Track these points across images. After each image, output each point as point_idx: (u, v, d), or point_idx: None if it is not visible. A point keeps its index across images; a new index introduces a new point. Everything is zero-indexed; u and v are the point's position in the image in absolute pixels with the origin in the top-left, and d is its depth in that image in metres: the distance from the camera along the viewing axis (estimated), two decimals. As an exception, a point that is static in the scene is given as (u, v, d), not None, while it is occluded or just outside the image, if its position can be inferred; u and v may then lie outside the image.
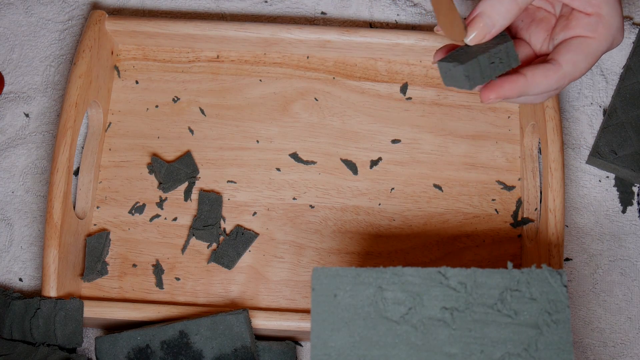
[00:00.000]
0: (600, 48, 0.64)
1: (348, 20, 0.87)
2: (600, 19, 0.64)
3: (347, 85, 0.82)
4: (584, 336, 0.75)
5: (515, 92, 0.64)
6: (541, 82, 0.64)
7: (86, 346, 0.75)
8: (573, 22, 0.65)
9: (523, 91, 0.64)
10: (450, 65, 0.62)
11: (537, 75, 0.63)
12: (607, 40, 0.64)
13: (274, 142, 0.81)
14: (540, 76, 0.64)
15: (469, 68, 0.61)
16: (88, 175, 0.78)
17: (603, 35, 0.64)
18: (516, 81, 0.63)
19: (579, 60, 0.64)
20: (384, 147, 0.80)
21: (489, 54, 0.62)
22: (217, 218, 0.77)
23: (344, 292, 0.57)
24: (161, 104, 0.82)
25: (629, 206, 0.79)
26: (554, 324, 0.56)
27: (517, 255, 0.76)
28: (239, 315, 0.68)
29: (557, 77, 0.64)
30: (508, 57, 0.63)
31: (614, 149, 0.78)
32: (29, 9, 0.87)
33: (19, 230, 0.79)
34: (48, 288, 0.70)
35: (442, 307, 0.57)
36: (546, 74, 0.64)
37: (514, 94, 0.64)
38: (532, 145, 0.78)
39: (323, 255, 0.77)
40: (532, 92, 0.64)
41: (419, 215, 0.78)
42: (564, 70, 0.64)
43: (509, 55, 0.63)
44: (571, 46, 0.64)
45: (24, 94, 0.84)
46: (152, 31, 0.81)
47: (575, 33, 0.64)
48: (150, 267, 0.77)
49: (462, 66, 0.61)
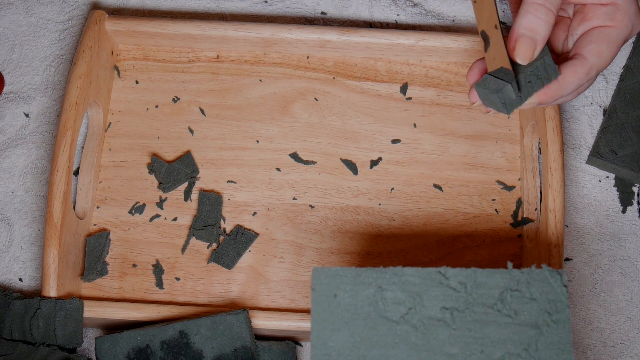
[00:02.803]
0: (621, 35, 0.64)
1: (348, 20, 0.87)
2: (617, 7, 0.64)
3: (347, 85, 0.82)
4: (584, 336, 0.75)
5: (551, 96, 0.64)
6: (572, 80, 0.64)
7: (86, 346, 0.75)
8: (590, 14, 0.65)
9: (558, 94, 0.64)
10: (486, 92, 0.62)
11: (567, 74, 0.64)
12: (627, 26, 0.64)
13: (274, 142, 0.81)
14: (570, 74, 0.64)
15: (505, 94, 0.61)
16: (88, 175, 0.78)
17: (622, 22, 0.64)
18: (549, 87, 0.63)
19: (603, 49, 0.64)
20: (384, 147, 0.80)
21: (525, 74, 0.62)
22: (217, 218, 0.77)
23: (344, 292, 0.57)
24: (161, 104, 0.82)
25: (629, 206, 0.79)
26: (554, 324, 0.56)
27: (517, 255, 0.76)
28: (239, 315, 0.68)
29: (585, 70, 0.64)
30: (546, 70, 0.62)
31: (614, 149, 0.78)
32: (29, 9, 0.87)
33: (19, 230, 0.79)
34: (48, 288, 0.70)
35: (442, 307, 0.57)
36: (574, 70, 0.64)
37: (549, 98, 0.64)
38: (532, 145, 0.78)
39: (323, 255, 0.77)
40: (567, 92, 0.64)
41: (419, 215, 0.78)
42: (590, 63, 0.64)
43: (547, 68, 0.62)
44: (592, 37, 0.64)
45: (24, 94, 0.84)
46: (152, 31, 0.81)
47: (593, 24, 0.65)
48: (150, 267, 0.77)
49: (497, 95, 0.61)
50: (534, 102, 0.63)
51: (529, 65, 0.62)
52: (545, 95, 0.63)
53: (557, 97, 0.64)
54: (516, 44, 0.62)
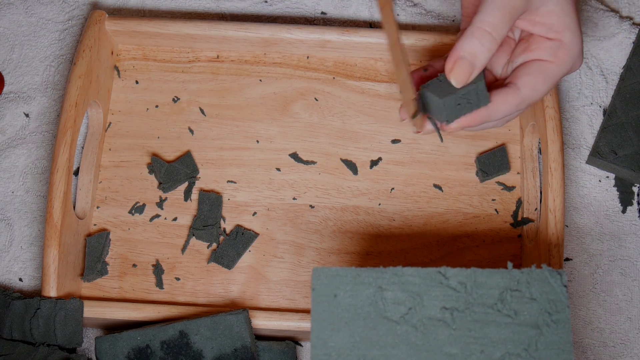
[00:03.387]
0: (559, 72, 0.64)
1: (348, 20, 0.87)
2: (561, 44, 0.64)
3: (347, 85, 0.82)
4: (584, 336, 0.75)
5: (477, 121, 0.64)
6: (502, 108, 0.64)
7: (86, 346, 0.75)
8: (533, 46, 0.65)
9: (485, 119, 0.64)
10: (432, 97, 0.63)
11: (498, 101, 0.64)
12: (567, 64, 0.64)
13: (274, 142, 0.81)
14: (501, 102, 0.64)
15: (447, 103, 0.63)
16: (88, 175, 0.78)
17: (563, 59, 0.64)
18: (478, 112, 0.64)
19: (538, 83, 0.64)
20: (384, 147, 0.80)
21: (456, 96, 0.63)
22: (217, 218, 0.77)
23: (344, 292, 0.57)
24: (161, 104, 0.82)
25: (629, 206, 0.79)
26: (554, 324, 0.56)
27: (517, 255, 0.76)
28: (239, 315, 0.68)
29: (517, 101, 0.64)
30: (478, 96, 0.63)
31: (614, 149, 0.78)
32: (29, 9, 0.87)
33: (19, 230, 0.79)
34: (48, 288, 0.70)
35: (442, 307, 0.57)
36: (506, 98, 0.64)
37: (476, 122, 0.64)
38: (532, 145, 0.78)
39: (323, 255, 0.77)
40: (494, 118, 0.65)
41: (419, 215, 0.78)
42: (522, 94, 0.64)
43: (478, 95, 0.63)
44: (530, 69, 0.64)
45: (24, 94, 0.84)
46: (152, 31, 0.81)
47: (535, 56, 0.65)
48: (150, 267, 0.77)
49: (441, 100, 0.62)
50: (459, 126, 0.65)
51: (461, 88, 0.63)
52: (473, 119, 0.64)
53: (484, 120, 0.64)
54: (454, 65, 0.63)
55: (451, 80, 0.63)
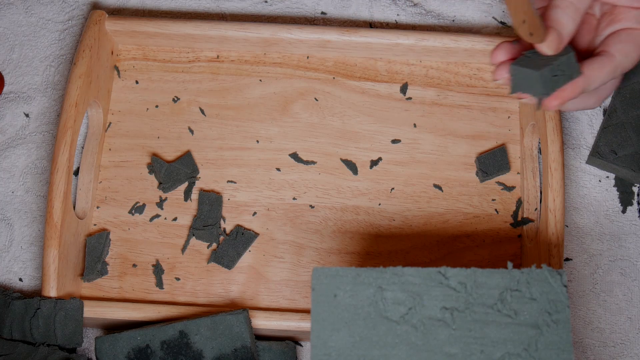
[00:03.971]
0: None
1: (348, 20, 0.87)
2: None
3: (347, 85, 0.82)
4: (584, 336, 0.75)
5: (577, 92, 0.64)
6: (599, 74, 0.65)
7: (86, 346, 0.75)
8: (620, 16, 0.66)
9: (584, 88, 0.64)
10: (527, 71, 0.63)
11: (594, 69, 0.64)
12: None
13: (274, 142, 0.81)
14: (597, 69, 0.65)
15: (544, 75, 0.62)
16: (88, 175, 0.78)
17: None
18: (576, 81, 0.64)
19: (630, 50, 0.65)
20: (384, 147, 0.80)
21: (552, 67, 0.62)
22: (217, 218, 0.77)
23: (344, 292, 0.57)
24: (161, 104, 0.82)
25: (629, 206, 0.79)
26: (554, 324, 0.56)
27: (517, 255, 0.76)
28: (239, 315, 0.68)
29: (612, 66, 0.65)
30: (570, 68, 0.63)
31: (614, 149, 0.78)
32: (29, 9, 0.87)
33: (19, 230, 0.79)
34: (48, 288, 0.70)
35: (442, 307, 0.57)
36: (602, 65, 0.65)
37: (576, 93, 0.64)
38: (532, 145, 0.78)
39: (323, 255, 0.77)
40: (591, 87, 0.65)
41: (419, 215, 0.78)
42: (616, 60, 0.65)
43: (570, 66, 0.63)
44: (620, 37, 0.65)
45: (24, 94, 0.84)
46: (152, 31, 0.81)
47: (622, 26, 0.66)
48: (150, 267, 0.77)
49: (538, 72, 0.62)
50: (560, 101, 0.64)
51: (555, 59, 0.62)
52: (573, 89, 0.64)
53: (583, 90, 0.64)
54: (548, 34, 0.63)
55: (543, 49, 0.63)
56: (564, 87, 0.63)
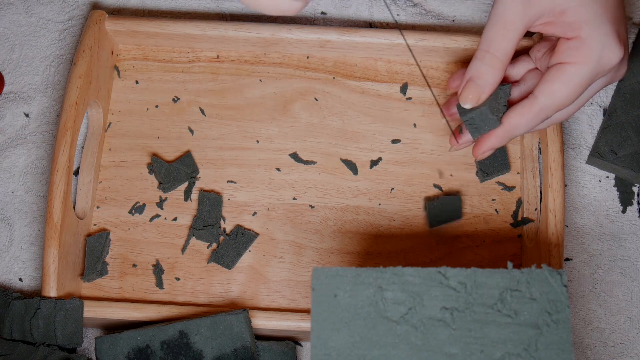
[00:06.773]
0: (581, 72, 0.61)
1: (348, 20, 0.87)
2: (581, 42, 0.61)
3: (347, 85, 0.82)
4: (584, 336, 0.75)
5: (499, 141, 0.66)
6: (519, 122, 0.64)
7: (86, 346, 0.75)
8: (556, 49, 0.63)
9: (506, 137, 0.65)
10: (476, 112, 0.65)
11: (512, 117, 0.64)
12: (589, 62, 0.61)
13: (274, 142, 0.81)
14: (517, 117, 0.64)
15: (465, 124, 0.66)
16: (88, 175, 0.78)
17: (584, 58, 0.61)
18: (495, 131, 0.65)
19: (555, 89, 0.62)
20: (384, 147, 0.80)
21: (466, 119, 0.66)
22: (217, 218, 0.77)
23: (344, 292, 0.57)
24: (161, 104, 0.82)
25: (629, 206, 0.79)
26: (554, 324, 0.56)
27: (517, 255, 0.76)
28: (239, 315, 0.68)
29: (535, 111, 0.63)
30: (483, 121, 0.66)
31: (614, 149, 0.78)
32: (29, 9, 0.87)
33: (19, 230, 0.79)
34: (48, 288, 0.70)
35: (442, 307, 0.57)
36: (521, 112, 0.64)
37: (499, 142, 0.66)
38: (532, 145, 0.78)
39: (323, 255, 0.77)
40: (516, 134, 0.65)
41: (419, 215, 0.78)
42: (540, 102, 0.62)
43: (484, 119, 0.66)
44: (548, 75, 0.63)
45: (24, 94, 0.84)
46: (152, 31, 0.81)
47: (556, 60, 0.62)
48: (150, 267, 0.77)
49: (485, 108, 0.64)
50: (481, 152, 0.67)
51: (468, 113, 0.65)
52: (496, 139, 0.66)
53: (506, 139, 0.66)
54: (463, 88, 0.64)
55: (461, 102, 0.65)
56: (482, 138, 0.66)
